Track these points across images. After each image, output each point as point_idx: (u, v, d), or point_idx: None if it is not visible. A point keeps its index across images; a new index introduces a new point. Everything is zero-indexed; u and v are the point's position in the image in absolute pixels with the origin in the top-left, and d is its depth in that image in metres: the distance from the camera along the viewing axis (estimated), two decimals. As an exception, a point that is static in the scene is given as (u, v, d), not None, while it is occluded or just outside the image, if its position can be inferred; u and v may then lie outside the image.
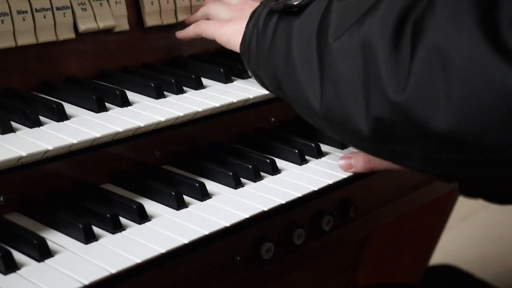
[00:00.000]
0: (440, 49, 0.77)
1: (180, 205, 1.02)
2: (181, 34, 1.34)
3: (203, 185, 1.06)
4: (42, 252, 0.88)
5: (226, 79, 1.31)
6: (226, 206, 1.03)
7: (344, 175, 1.15)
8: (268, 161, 1.15)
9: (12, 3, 1.15)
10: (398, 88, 0.81)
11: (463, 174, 0.85)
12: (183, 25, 1.41)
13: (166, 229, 0.96)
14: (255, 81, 1.33)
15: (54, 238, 0.93)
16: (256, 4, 1.18)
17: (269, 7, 1.05)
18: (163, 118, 1.12)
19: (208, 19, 1.32)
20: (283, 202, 1.05)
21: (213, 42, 1.47)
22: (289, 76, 0.99)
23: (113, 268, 0.85)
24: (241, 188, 1.09)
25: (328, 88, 0.91)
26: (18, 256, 0.87)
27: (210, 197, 1.06)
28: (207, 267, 0.99)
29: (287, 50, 0.99)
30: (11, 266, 0.85)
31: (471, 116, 0.75)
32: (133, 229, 0.96)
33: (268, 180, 1.12)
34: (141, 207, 0.98)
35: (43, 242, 0.88)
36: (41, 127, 1.04)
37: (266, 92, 1.28)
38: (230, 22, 1.20)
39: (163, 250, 0.90)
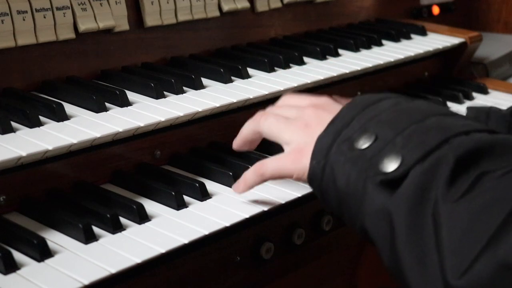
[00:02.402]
0: None
1: (180, 205, 1.02)
2: (241, 187, 1.03)
3: (203, 185, 1.06)
4: (42, 252, 0.88)
5: (226, 79, 1.30)
6: (226, 206, 1.03)
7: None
8: (268, 161, 1.15)
9: (12, 3, 1.15)
10: None
11: None
12: (183, 25, 1.41)
13: (166, 229, 0.96)
14: (255, 81, 1.33)
15: (54, 238, 0.93)
16: (321, 114, 0.93)
17: (343, 156, 0.82)
18: (163, 118, 1.12)
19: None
20: (283, 202, 1.05)
21: (213, 42, 1.48)
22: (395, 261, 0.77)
23: (113, 268, 0.85)
24: (241, 188, 1.09)
25: None
26: (18, 256, 0.87)
27: (210, 197, 1.06)
28: (207, 267, 0.99)
29: (391, 240, 0.76)
30: (11, 266, 0.85)
31: None
32: (133, 229, 0.96)
33: (269, 180, 1.12)
34: (141, 207, 0.98)
35: (43, 242, 0.88)
36: (41, 127, 1.04)
37: (266, 92, 1.28)
38: (305, 151, 0.90)
39: (163, 250, 0.90)
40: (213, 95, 1.23)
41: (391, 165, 0.76)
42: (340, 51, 1.56)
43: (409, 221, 0.73)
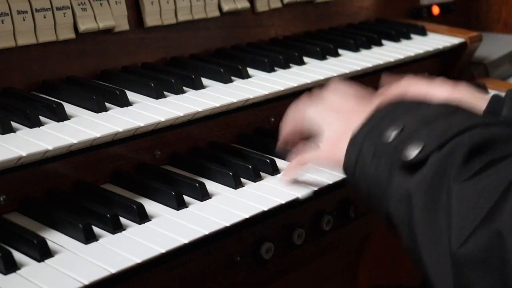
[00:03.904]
0: None
1: (180, 205, 1.02)
2: (286, 175, 1.11)
3: (203, 185, 1.06)
4: (42, 252, 0.88)
5: (226, 79, 1.30)
6: (226, 206, 1.03)
7: (344, 175, 1.15)
8: (268, 161, 1.15)
9: (12, 3, 1.15)
10: None
11: None
12: (183, 25, 1.41)
13: (166, 229, 0.95)
14: (255, 81, 1.33)
15: (54, 238, 0.93)
16: (362, 108, 0.97)
17: (373, 147, 0.88)
18: (163, 118, 1.12)
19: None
20: (283, 202, 1.05)
21: (213, 42, 1.48)
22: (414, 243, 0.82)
23: (113, 268, 0.85)
24: (241, 188, 1.09)
25: None
26: (18, 256, 0.87)
27: (210, 197, 1.06)
28: (207, 267, 0.99)
29: (409, 220, 0.82)
30: (11, 266, 0.85)
31: None
32: (133, 229, 0.96)
33: (268, 180, 1.12)
34: (141, 207, 0.98)
35: (43, 242, 0.88)
36: (41, 127, 1.04)
37: (266, 92, 1.28)
38: (341, 143, 0.94)
39: (163, 250, 0.90)
40: (213, 95, 1.23)
41: (414, 151, 0.82)
42: (340, 51, 1.56)
43: (426, 201, 0.79)
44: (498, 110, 1.06)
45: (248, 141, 1.26)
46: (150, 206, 1.02)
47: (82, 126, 1.06)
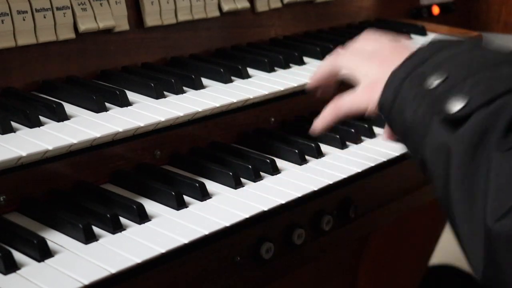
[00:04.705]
0: None
1: (180, 205, 1.02)
2: (319, 123, 1.08)
3: (203, 185, 1.06)
4: (42, 252, 0.88)
5: (226, 79, 1.30)
6: (226, 206, 1.03)
7: (344, 175, 1.15)
8: (268, 161, 1.15)
9: (12, 3, 1.15)
10: None
11: None
12: (183, 25, 1.41)
13: (166, 229, 0.95)
14: (255, 81, 1.33)
15: (54, 238, 0.93)
16: (400, 50, 0.96)
17: (414, 90, 0.85)
18: (163, 118, 1.12)
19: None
20: (283, 202, 1.05)
21: (213, 42, 1.47)
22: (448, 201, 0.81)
23: (113, 268, 0.85)
24: (241, 188, 1.09)
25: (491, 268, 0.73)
26: (18, 256, 0.87)
27: (210, 197, 1.06)
28: (207, 267, 0.99)
29: (445, 176, 0.80)
30: (11, 266, 0.85)
31: None
32: (133, 229, 0.96)
33: (268, 180, 1.12)
34: (141, 207, 0.98)
35: (43, 242, 0.88)
36: (41, 127, 1.04)
37: (266, 92, 1.28)
38: (379, 85, 0.92)
39: (163, 250, 0.90)
40: (213, 95, 1.23)
41: (457, 105, 0.79)
42: (340, 51, 1.56)
43: (465, 160, 0.76)
44: None
45: (248, 141, 1.26)
46: (150, 206, 1.02)
47: (82, 126, 1.06)
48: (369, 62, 1.00)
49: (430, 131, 0.82)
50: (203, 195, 1.05)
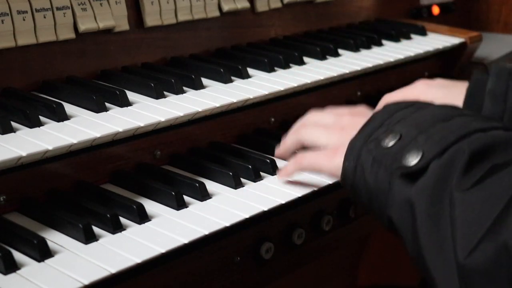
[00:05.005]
0: None
1: (180, 205, 1.02)
2: (281, 174, 1.12)
3: (203, 185, 1.06)
4: (42, 252, 0.88)
5: (226, 79, 1.31)
6: (226, 206, 1.03)
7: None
8: (268, 161, 1.15)
9: (12, 3, 1.15)
10: None
11: None
12: (183, 25, 1.41)
13: (166, 229, 0.95)
14: (255, 81, 1.33)
15: (54, 238, 0.93)
16: (356, 119, 0.99)
17: (371, 155, 0.87)
18: (163, 118, 1.12)
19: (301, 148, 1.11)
20: (283, 202, 1.05)
21: (213, 42, 1.48)
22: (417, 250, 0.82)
23: (113, 268, 0.85)
24: (241, 188, 1.09)
25: None
26: (18, 256, 0.87)
27: (210, 197, 1.06)
28: (207, 267, 0.99)
29: (413, 228, 0.81)
30: (11, 266, 0.85)
31: None
32: (133, 229, 0.96)
33: (268, 180, 1.12)
34: (141, 207, 0.98)
35: (43, 242, 0.88)
36: (41, 127, 1.04)
37: (266, 92, 1.28)
38: (339, 151, 0.96)
39: (163, 250, 0.90)
40: (213, 95, 1.23)
41: (413, 160, 0.82)
42: (340, 51, 1.56)
43: (429, 209, 0.78)
44: (480, 90, 1.06)
45: (248, 141, 1.26)
46: (150, 206, 1.02)
47: (82, 126, 1.06)
48: (330, 131, 1.03)
49: (392, 190, 0.84)
50: (203, 195, 1.05)
